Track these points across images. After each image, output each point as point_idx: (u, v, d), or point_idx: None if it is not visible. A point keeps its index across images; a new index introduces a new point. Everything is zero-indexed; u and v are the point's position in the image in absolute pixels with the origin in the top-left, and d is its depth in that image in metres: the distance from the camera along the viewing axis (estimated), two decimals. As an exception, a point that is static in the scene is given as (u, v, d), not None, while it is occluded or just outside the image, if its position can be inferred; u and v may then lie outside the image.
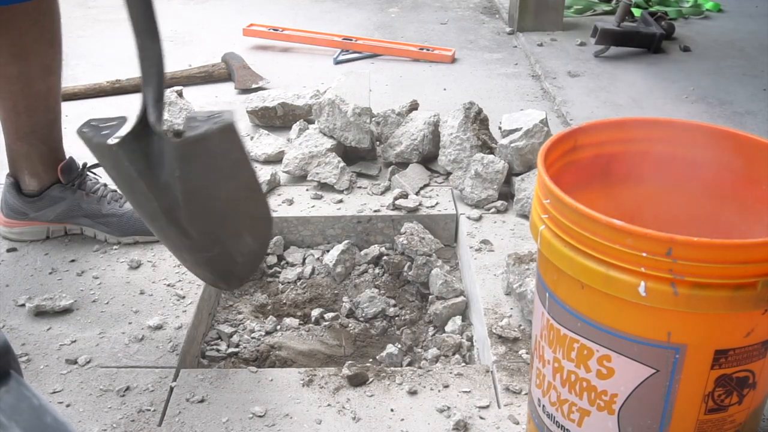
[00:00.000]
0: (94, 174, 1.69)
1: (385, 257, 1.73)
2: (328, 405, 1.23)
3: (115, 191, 1.67)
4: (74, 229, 1.67)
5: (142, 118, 1.10)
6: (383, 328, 1.59)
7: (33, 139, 1.57)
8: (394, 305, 1.64)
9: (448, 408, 1.22)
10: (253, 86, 2.52)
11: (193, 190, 1.12)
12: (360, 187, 1.88)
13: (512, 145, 1.79)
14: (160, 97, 1.11)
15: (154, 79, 1.11)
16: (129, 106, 2.34)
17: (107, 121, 1.17)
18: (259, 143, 2.06)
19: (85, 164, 1.66)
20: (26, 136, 1.56)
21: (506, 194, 1.82)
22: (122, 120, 1.16)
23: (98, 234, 1.65)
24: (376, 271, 1.72)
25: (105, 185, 1.67)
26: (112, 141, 1.11)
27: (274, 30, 3.02)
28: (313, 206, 1.80)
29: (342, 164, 1.88)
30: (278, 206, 1.80)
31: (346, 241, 1.73)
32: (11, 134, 1.57)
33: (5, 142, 1.60)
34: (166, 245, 1.30)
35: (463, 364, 1.45)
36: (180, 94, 2.21)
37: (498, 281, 1.52)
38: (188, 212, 1.14)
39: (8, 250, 1.63)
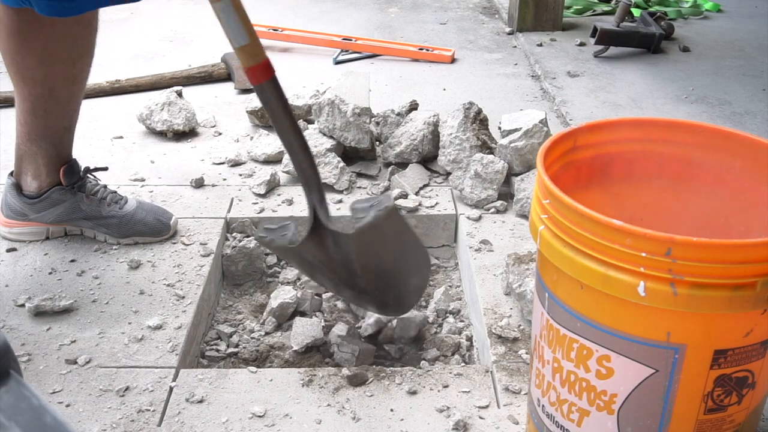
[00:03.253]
0: (94, 177, 1.69)
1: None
2: (328, 405, 1.23)
3: (115, 193, 1.67)
4: (74, 230, 1.67)
5: (315, 219, 1.30)
6: (383, 328, 1.59)
7: (44, 141, 1.57)
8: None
9: (448, 408, 1.22)
10: (253, 86, 2.52)
11: (368, 264, 1.33)
12: (360, 187, 1.88)
13: (512, 145, 1.79)
14: (323, 199, 1.31)
15: (315, 185, 1.30)
16: (129, 106, 2.34)
17: (278, 225, 1.39)
18: (259, 143, 2.06)
19: (87, 168, 1.65)
20: (38, 138, 1.56)
21: (506, 194, 1.82)
22: (291, 223, 1.39)
23: (98, 235, 1.65)
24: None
25: (105, 187, 1.67)
26: (293, 243, 1.33)
27: (273, 30, 3.02)
28: (312, 206, 1.80)
29: (342, 164, 1.88)
30: (278, 206, 1.80)
31: None
32: (24, 135, 1.57)
33: (16, 140, 1.59)
34: (344, 296, 1.54)
35: (463, 364, 1.45)
36: (180, 94, 2.21)
37: (498, 281, 1.52)
38: (366, 280, 1.36)
39: (8, 250, 1.63)
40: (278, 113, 1.26)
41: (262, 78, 1.23)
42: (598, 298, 0.89)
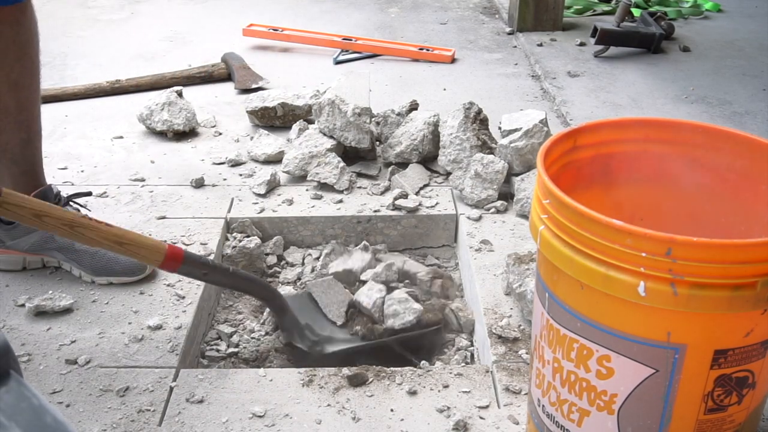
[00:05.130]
0: (77, 204, 1.60)
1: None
2: (328, 405, 1.23)
3: None
4: (52, 261, 1.57)
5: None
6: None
7: (3, 158, 1.47)
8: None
9: (448, 408, 1.22)
10: (253, 86, 2.52)
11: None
12: (360, 187, 1.88)
13: (512, 145, 1.79)
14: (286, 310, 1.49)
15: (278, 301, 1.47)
16: (129, 106, 2.34)
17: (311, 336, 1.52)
18: (259, 143, 2.06)
19: (69, 196, 1.57)
20: None
21: (506, 194, 1.82)
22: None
23: (74, 269, 1.55)
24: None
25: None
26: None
27: (273, 30, 3.02)
28: (313, 206, 1.80)
29: (342, 164, 1.88)
30: (278, 206, 1.80)
31: (332, 241, 1.72)
32: None
33: None
34: None
35: (463, 364, 1.45)
36: (180, 94, 2.21)
37: (498, 281, 1.52)
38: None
39: (8, 250, 1.62)
40: (209, 278, 1.37)
41: (176, 265, 1.30)
42: (599, 298, 0.89)
